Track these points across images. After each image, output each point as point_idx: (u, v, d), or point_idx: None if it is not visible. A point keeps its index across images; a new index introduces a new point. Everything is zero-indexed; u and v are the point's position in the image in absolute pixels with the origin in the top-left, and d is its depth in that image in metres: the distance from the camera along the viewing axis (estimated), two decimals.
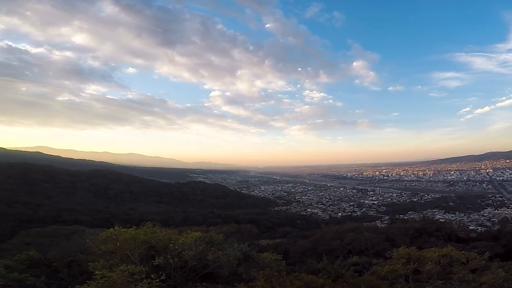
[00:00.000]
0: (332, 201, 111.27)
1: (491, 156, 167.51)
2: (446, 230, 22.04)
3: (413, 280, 7.01)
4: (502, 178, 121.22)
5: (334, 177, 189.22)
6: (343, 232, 23.70)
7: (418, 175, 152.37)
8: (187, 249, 6.48)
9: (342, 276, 8.29)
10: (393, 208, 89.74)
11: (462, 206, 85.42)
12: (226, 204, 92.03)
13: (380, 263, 8.64)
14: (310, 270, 8.93)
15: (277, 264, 7.50)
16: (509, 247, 16.60)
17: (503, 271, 6.32)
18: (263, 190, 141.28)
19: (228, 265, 6.51)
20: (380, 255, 14.18)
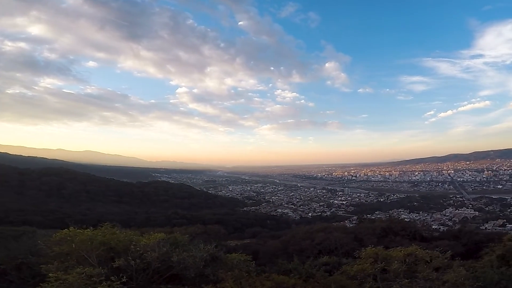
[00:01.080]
0: (303, 201, 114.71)
1: (452, 158, 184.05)
2: (411, 229, 23.70)
3: (381, 279, 7.36)
4: (463, 179, 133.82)
5: (304, 177, 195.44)
6: (314, 232, 24.52)
7: (385, 175, 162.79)
8: (150, 251, 6.50)
9: (313, 276, 8.51)
10: (361, 208, 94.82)
11: (426, 206, 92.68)
12: (191, 204, 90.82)
13: (350, 263, 8.97)
14: (281, 270, 9.06)
15: (246, 265, 7.57)
16: (469, 246, 18.26)
17: (464, 270, 6.84)
18: (231, 190, 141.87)
19: (194, 266, 6.58)
20: (349, 255, 14.77)
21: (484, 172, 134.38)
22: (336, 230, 24.15)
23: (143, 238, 7.09)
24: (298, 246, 20.69)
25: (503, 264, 7.78)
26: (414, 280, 6.80)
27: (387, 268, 7.39)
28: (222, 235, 28.88)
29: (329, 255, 14.84)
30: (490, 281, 6.46)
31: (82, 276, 5.09)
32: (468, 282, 6.23)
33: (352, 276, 7.70)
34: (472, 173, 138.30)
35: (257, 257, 18.14)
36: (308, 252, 18.40)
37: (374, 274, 7.32)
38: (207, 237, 20.00)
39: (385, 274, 7.45)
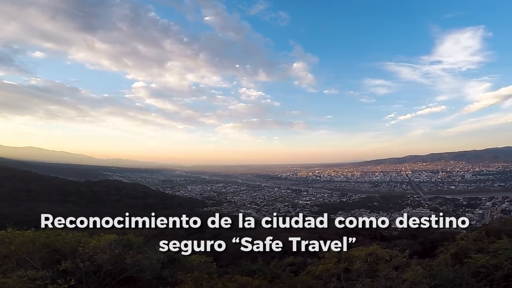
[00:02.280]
0: (267, 202, 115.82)
1: (410, 159, 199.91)
2: (371, 229, 25.33)
3: (345, 279, 7.79)
4: (419, 179, 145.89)
5: (268, 177, 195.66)
6: (278, 232, 25.19)
7: (347, 176, 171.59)
8: (100, 253, 6.51)
9: (279, 277, 8.75)
10: (325, 208, 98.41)
11: (385, 206, 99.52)
12: (146, 205, 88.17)
13: (315, 263, 9.35)
14: (244, 271, 9.17)
15: (207, 266, 7.89)
16: (426, 245, 20.06)
17: (421, 268, 7.47)
18: (190, 190, 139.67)
19: (151, 268, 6.73)
20: (314, 255, 15.54)
21: (439, 173, 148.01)
22: (301, 230, 25.07)
23: (93, 240, 7.04)
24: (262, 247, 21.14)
25: (457, 262, 8.63)
26: (376, 279, 7.27)
27: (350, 267, 7.82)
28: (180, 236, 28.71)
29: (295, 256, 15.33)
30: (446, 279, 7.12)
31: (24, 279, 5.02)
32: (425, 280, 6.81)
33: (318, 276, 8.02)
34: (428, 174, 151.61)
35: (219, 259, 18.50)
36: (273, 252, 18.90)
37: (338, 273, 7.70)
38: (164, 239, 19.71)
39: (348, 274, 7.88)
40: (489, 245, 9.02)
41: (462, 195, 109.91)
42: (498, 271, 7.32)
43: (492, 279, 7.30)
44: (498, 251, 8.21)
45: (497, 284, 7.20)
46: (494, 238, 9.72)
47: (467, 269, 7.64)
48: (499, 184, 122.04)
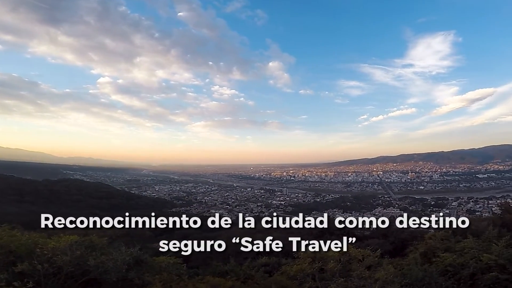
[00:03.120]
0: (239, 202, 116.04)
1: (381, 160, 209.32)
2: (344, 228, 26.11)
3: (319, 279, 7.94)
4: (390, 180, 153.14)
5: (241, 177, 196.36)
6: (252, 233, 25.26)
7: (321, 176, 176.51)
8: (60, 254, 6.48)
9: (252, 277, 8.75)
10: (299, 208, 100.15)
11: (358, 206, 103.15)
12: (111, 205, 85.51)
13: (289, 263, 9.44)
14: (216, 272, 9.16)
15: (176, 268, 7.91)
16: (396, 244, 20.97)
17: (393, 267, 7.82)
18: (158, 190, 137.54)
19: (116, 270, 6.69)
20: (289, 255, 15.77)
21: (408, 174, 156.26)
22: (276, 230, 25.33)
23: (52, 241, 7.04)
24: (235, 247, 21.24)
25: (426, 261, 9.07)
26: (349, 279, 7.46)
27: (324, 267, 7.98)
28: (147, 237, 28.11)
29: (269, 256, 15.45)
30: (416, 278, 7.44)
31: None
32: (396, 279, 7.08)
33: (292, 276, 8.10)
34: (398, 175, 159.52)
35: (189, 260, 18.34)
36: (246, 253, 18.99)
37: (312, 273, 7.82)
38: (129, 240, 19.33)
39: (323, 274, 8.03)
40: (456, 244, 9.56)
41: (430, 195, 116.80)
42: (465, 269, 7.79)
43: (459, 277, 7.75)
44: (464, 250, 8.74)
45: (463, 282, 7.65)
46: (460, 238, 10.32)
47: (436, 268, 8.05)
48: (465, 184, 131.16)
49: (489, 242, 8.94)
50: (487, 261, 7.70)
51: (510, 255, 7.80)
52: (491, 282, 7.30)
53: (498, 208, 33.13)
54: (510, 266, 7.48)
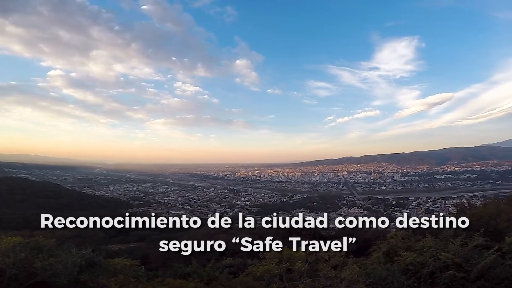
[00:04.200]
0: (201, 202, 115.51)
1: (346, 161, 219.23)
2: (311, 228, 26.96)
3: (287, 279, 8.09)
4: (354, 180, 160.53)
5: (203, 177, 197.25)
6: (215, 233, 25.47)
7: (288, 176, 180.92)
8: (2, 256, 6.52)
9: (216, 279, 8.73)
10: (265, 209, 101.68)
11: (323, 206, 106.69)
12: (59, 205, 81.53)
13: (255, 264, 9.52)
14: (177, 274, 9.09)
15: (134, 270, 7.75)
16: (360, 244, 21.92)
17: (357, 267, 8.07)
18: (112, 190, 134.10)
19: (66, 273, 6.68)
20: (254, 256, 15.95)
21: (371, 174, 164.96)
22: (240, 231, 25.51)
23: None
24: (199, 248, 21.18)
25: (388, 260, 9.55)
26: (317, 279, 7.65)
27: (291, 268, 8.13)
28: (100, 238, 28.55)
29: (233, 257, 15.45)
30: (379, 277, 7.83)
31: None
32: (361, 278, 7.40)
33: (259, 277, 8.16)
34: (362, 175, 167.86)
35: (147, 262, 18.24)
36: (209, 254, 19.08)
37: (280, 274, 7.93)
38: (81, 241, 18.75)
39: (290, 274, 8.18)
40: (416, 243, 10.18)
41: (392, 195, 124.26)
42: (424, 268, 8.31)
43: (419, 276, 8.24)
44: (424, 249, 9.32)
45: (424, 281, 8.15)
46: (420, 237, 11.00)
47: (398, 267, 8.51)
48: (424, 185, 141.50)
49: (446, 241, 9.55)
50: (445, 260, 8.24)
51: (466, 253, 8.45)
52: (449, 280, 7.82)
53: (454, 208, 35.96)
54: (465, 264, 8.10)
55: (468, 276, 7.78)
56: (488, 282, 7.63)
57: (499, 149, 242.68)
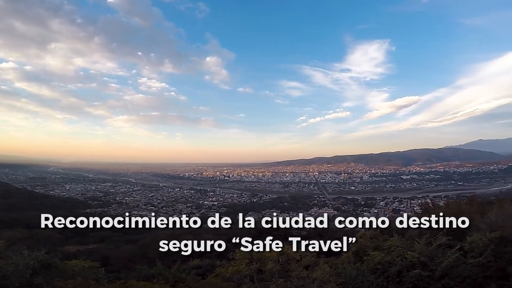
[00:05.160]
0: (166, 203, 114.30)
1: (317, 161, 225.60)
2: (282, 229, 27.49)
3: (258, 280, 8.20)
4: (325, 180, 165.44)
5: (168, 176, 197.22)
6: (180, 234, 25.48)
7: (258, 176, 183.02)
8: None
9: (183, 280, 8.69)
10: (234, 209, 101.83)
11: (295, 206, 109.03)
12: (9, 205, 77.24)
13: (224, 265, 9.57)
14: (141, 276, 8.96)
15: (93, 272, 7.61)
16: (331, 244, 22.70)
17: (328, 267, 8.38)
18: (69, 189, 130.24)
19: (18, 275, 6.59)
20: (223, 257, 16.02)
21: (341, 175, 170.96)
22: (207, 232, 25.71)
23: None
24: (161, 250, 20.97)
25: (358, 260, 10.00)
26: (289, 279, 7.78)
27: (262, 268, 8.25)
28: (55, 240, 28.30)
29: (201, 258, 15.46)
30: (350, 277, 8.17)
31: None
32: (332, 278, 7.67)
33: (228, 278, 8.20)
34: (333, 175, 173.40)
35: (108, 264, 18.51)
36: (175, 256, 19.01)
37: (250, 275, 8.02)
38: (33, 243, 18.24)
39: (261, 275, 8.29)
40: (383, 243, 10.71)
41: (361, 195, 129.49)
42: (392, 267, 8.75)
43: (387, 275, 8.66)
44: (391, 248, 9.83)
45: (392, 280, 8.57)
46: (387, 236, 11.58)
47: (367, 266, 8.93)
48: (391, 185, 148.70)
49: (412, 240, 10.15)
50: (411, 259, 8.73)
51: (430, 252, 9.01)
52: (415, 279, 8.28)
53: (419, 208, 38.10)
54: (430, 263, 8.63)
55: (433, 274, 8.27)
56: (452, 280, 8.14)
57: (461, 151, 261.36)
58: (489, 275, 8.52)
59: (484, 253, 8.73)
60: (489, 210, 12.99)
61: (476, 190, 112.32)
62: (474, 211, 16.09)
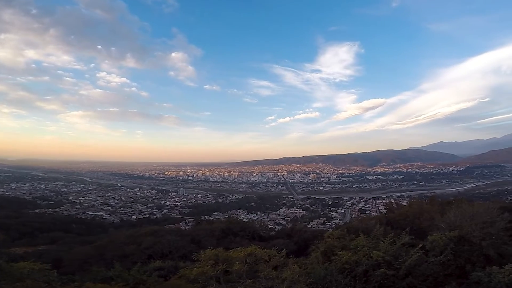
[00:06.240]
0: (124, 203, 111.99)
1: (286, 161, 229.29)
2: (249, 229, 27.84)
3: (225, 281, 8.30)
4: (294, 180, 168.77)
5: (127, 176, 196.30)
6: (140, 236, 25.31)
7: (224, 176, 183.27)
8: None
9: (144, 282, 8.60)
10: (198, 210, 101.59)
11: (262, 206, 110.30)
12: None
13: (188, 266, 9.56)
14: (98, 278, 8.76)
15: (44, 274, 7.35)
16: (300, 244, 23.27)
17: (298, 267, 8.56)
18: (15, 188, 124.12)
19: None
20: (187, 258, 16.00)
21: (310, 175, 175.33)
22: (169, 233, 25.85)
23: None
24: (119, 252, 20.76)
25: (326, 259, 10.39)
26: (257, 280, 7.94)
27: (229, 269, 8.36)
28: (0, 241, 27.90)
29: (163, 260, 15.33)
30: (319, 277, 8.49)
31: None
32: (302, 278, 7.96)
33: (193, 280, 8.22)
34: (301, 175, 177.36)
35: (61, 266, 17.79)
36: (135, 257, 18.85)
37: (217, 276, 8.10)
38: None
39: (228, 276, 8.40)
40: (350, 242, 11.21)
41: (329, 195, 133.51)
42: (359, 267, 9.15)
43: (355, 274, 9.04)
44: (357, 247, 10.32)
45: (359, 279, 8.97)
46: (354, 236, 12.13)
47: (335, 266, 9.28)
48: (357, 185, 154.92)
49: (377, 240, 10.72)
50: (376, 258, 9.15)
51: (394, 251, 9.54)
52: (381, 278, 8.69)
53: (383, 208, 39.96)
54: (395, 262, 9.14)
55: (398, 273, 8.75)
56: (415, 279, 8.66)
57: (423, 152, 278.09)
58: (449, 273, 9.14)
59: (444, 252, 9.38)
60: (448, 210, 13.94)
61: (437, 190, 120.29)
62: (435, 210, 17.31)
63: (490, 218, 11.10)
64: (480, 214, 11.54)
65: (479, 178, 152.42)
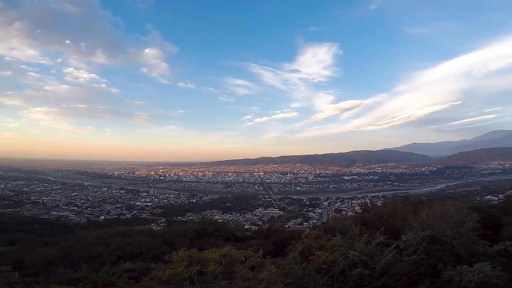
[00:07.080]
0: (91, 203, 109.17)
1: (263, 161, 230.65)
2: (224, 230, 27.97)
3: (199, 282, 8.35)
4: (270, 180, 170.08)
5: (95, 175, 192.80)
6: (108, 236, 25.08)
7: (198, 176, 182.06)
8: None
9: (113, 284, 8.53)
10: (170, 210, 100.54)
11: (238, 207, 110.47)
12: None
13: (160, 267, 9.62)
14: (64, 280, 8.62)
15: (4, 277, 7.23)
16: (277, 244, 23.62)
17: (275, 267, 8.77)
18: None
19: None
20: (159, 259, 16.04)
21: (287, 175, 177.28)
22: (140, 234, 25.69)
23: None
24: (86, 253, 20.46)
25: (304, 259, 10.69)
26: (233, 281, 8.05)
27: (204, 270, 8.43)
28: None
29: (133, 261, 15.22)
30: (296, 277, 8.74)
31: None
32: (279, 279, 8.17)
33: (166, 281, 8.22)
34: (278, 176, 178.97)
35: (23, 267, 17.55)
36: (103, 258, 18.64)
37: (191, 277, 8.14)
38: None
39: (203, 277, 8.47)
40: (327, 242, 11.57)
41: (306, 195, 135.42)
42: (336, 266, 9.49)
43: (332, 274, 9.37)
44: (334, 247, 10.68)
45: (336, 279, 9.28)
46: (331, 236, 12.52)
47: (312, 266, 9.58)
48: (333, 186, 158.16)
49: (353, 240, 11.13)
50: (353, 258, 9.54)
51: (370, 251, 9.96)
52: (357, 277, 9.07)
53: (359, 208, 41.21)
54: (370, 261, 9.53)
55: (373, 273, 9.16)
56: (390, 278, 9.09)
57: (397, 153, 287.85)
58: (422, 272, 9.64)
59: (417, 251, 9.89)
60: (421, 210, 14.65)
61: (410, 191, 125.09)
62: (408, 210, 18.12)
63: (460, 218, 11.77)
64: (451, 214, 12.20)
65: (449, 179, 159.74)
